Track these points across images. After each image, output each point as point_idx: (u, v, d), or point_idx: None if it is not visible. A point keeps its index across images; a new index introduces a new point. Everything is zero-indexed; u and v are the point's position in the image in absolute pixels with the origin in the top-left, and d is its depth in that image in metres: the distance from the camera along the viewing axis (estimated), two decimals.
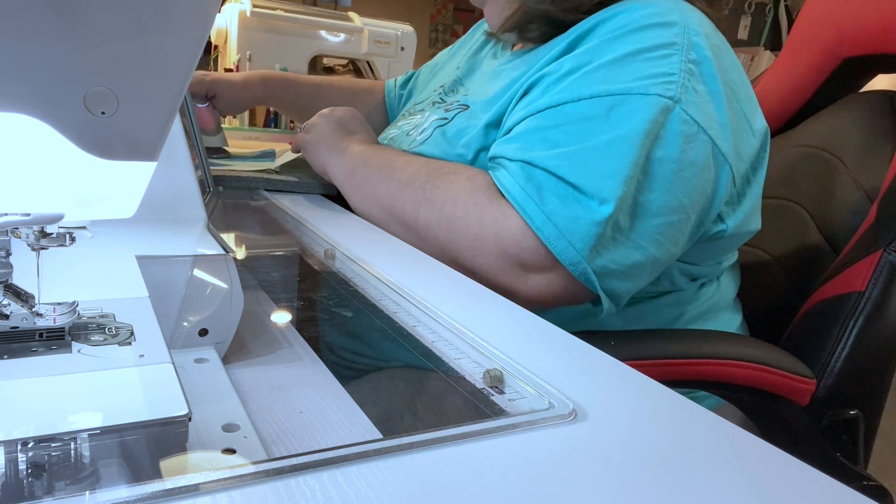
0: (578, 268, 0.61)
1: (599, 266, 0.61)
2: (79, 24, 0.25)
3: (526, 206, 0.61)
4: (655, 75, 0.63)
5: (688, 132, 0.62)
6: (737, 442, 0.35)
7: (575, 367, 0.43)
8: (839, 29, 0.95)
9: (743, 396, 0.71)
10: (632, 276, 0.64)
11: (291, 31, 1.62)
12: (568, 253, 0.60)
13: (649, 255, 0.63)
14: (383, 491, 0.28)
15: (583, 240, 0.60)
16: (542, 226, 0.60)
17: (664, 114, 0.62)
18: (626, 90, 0.62)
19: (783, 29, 3.83)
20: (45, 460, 0.29)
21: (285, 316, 0.65)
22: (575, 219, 0.59)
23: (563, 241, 0.60)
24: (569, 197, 0.60)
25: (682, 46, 0.64)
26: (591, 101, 0.63)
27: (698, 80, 0.64)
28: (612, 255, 0.61)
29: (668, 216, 0.63)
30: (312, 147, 0.87)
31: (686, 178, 0.63)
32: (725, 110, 0.66)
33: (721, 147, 0.65)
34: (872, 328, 0.74)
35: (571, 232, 0.60)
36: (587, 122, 0.62)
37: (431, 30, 5.73)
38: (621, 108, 0.62)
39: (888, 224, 0.76)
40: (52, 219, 0.33)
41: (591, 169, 0.60)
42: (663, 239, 0.63)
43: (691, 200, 0.64)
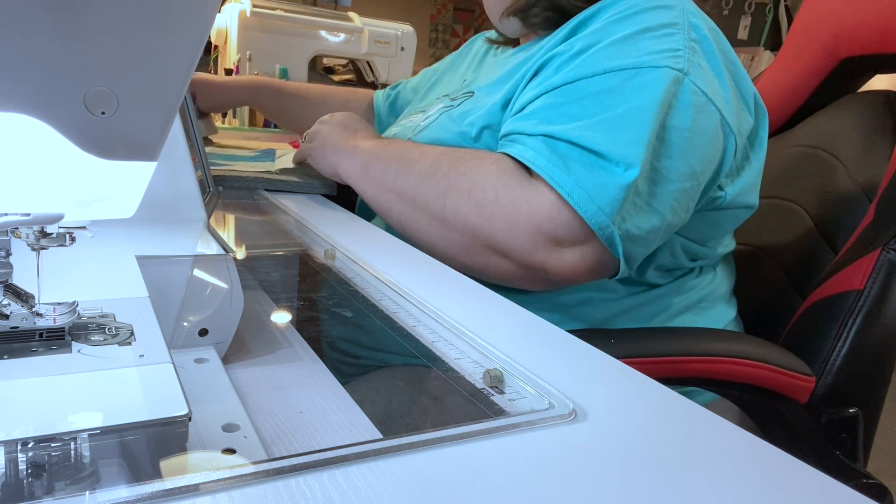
0: (606, 232, 0.62)
1: (624, 231, 0.63)
2: (79, 24, 0.25)
3: (554, 175, 0.62)
4: (664, 50, 0.66)
5: (697, 102, 0.65)
6: (736, 441, 0.35)
7: (575, 367, 0.43)
8: (838, 29, 0.95)
9: (742, 394, 0.71)
10: (648, 241, 0.65)
11: (291, 31, 1.62)
12: (598, 217, 0.61)
13: (665, 221, 0.65)
14: (383, 491, 0.28)
15: (611, 204, 0.61)
16: (571, 192, 0.61)
17: (675, 84, 0.64)
18: (638, 64, 0.65)
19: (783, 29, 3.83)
20: (45, 460, 0.29)
21: (285, 316, 0.65)
22: (602, 184, 0.61)
23: (593, 205, 0.61)
24: (594, 165, 0.62)
25: (682, 26, 0.68)
26: (606, 75, 0.65)
27: (701, 57, 0.68)
28: (635, 220, 0.63)
29: (683, 182, 0.65)
30: (318, 151, 0.86)
31: (698, 146, 0.65)
32: (728, 86, 0.69)
33: (727, 118, 0.68)
34: (871, 326, 0.74)
35: (601, 197, 0.61)
36: (604, 95, 0.64)
37: (431, 30, 5.73)
38: (635, 81, 0.64)
39: (887, 222, 0.76)
40: (52, 219, 0.33)
41: (613, 137, 0.62)
42: (678, 205, 0.66)
43: (702, 168, 0.67)
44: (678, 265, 0.76)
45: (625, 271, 0.66)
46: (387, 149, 0.78)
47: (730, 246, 0.83)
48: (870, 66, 0.96)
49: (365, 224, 0.81)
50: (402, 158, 0.74)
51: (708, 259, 0.79)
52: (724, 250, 0.81)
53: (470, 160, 0.69)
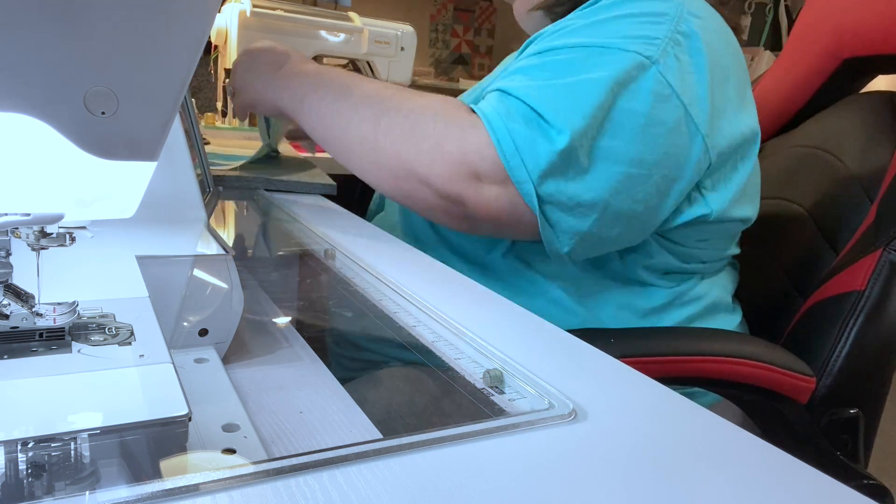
0: (524, 187, 0.64)
1: (545, 192, 0.64)
2: (79, 24, 0.25)
3: (493, 121, 0.64)
4: (638, 36, 0.66)
5: (660, 92, 0.65)
6: (737, 442, 0.35)
7: (575, 367, 0.43)
8: (839, 30, 0.95)
9: (743, 394, 0.71)
10: (579, 214, 0.65)
11: (291, 31, 1.61)
12: (519, 171, 0.63)
13: (602, 200, 0.65)
14: (383, 491, 0.28)
15: (535, 161, 0.63)
16: (502, 140, 0.64)
17: (638, 69, 0.65)
18: (607, 44, 0.66)
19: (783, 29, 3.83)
20: (45, 460, 0.29)
21: (285, 316, 0.65)
22: (533, 141, 0.63)
23: (517, 158, 0.63)
24: (532, 122, 0.64)
25: (672, 18, 0.68)
26: (573, 49, 0.67)
27: (684, 50, 0.67)
28: (562, 187, 0.64)
29: (629, 167, 0.65)
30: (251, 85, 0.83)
31: (652, 135, 0.65)
32: (707, 86, 0.68)
33: (694, 117, 0.67)
34: (872, 327, 0.74)
35: (526, 151, 0.63)
36: (564, 65, 0.66)
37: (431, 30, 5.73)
38: (598, 58, 0.66)
39: (888, 223, 0.76)
40: (52, 219, 0.33)
41: (558, 102, 0.64)
42: (621, 188, 0.65)
43: (655, 158, 0.66)
44: (673, 267, 0.76)
45: (553, 239, 0.66)
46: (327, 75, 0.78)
47: (734, 250, 0.82)
48: (872, 66, 0.96)
49: (365, 224, 0.81)
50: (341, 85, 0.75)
51: (706, 263, 0.78)
52: (729, 252, 0.81)
53: (416, 93, 0.72)
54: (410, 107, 0.69)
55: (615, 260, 0.74)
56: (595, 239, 0.68)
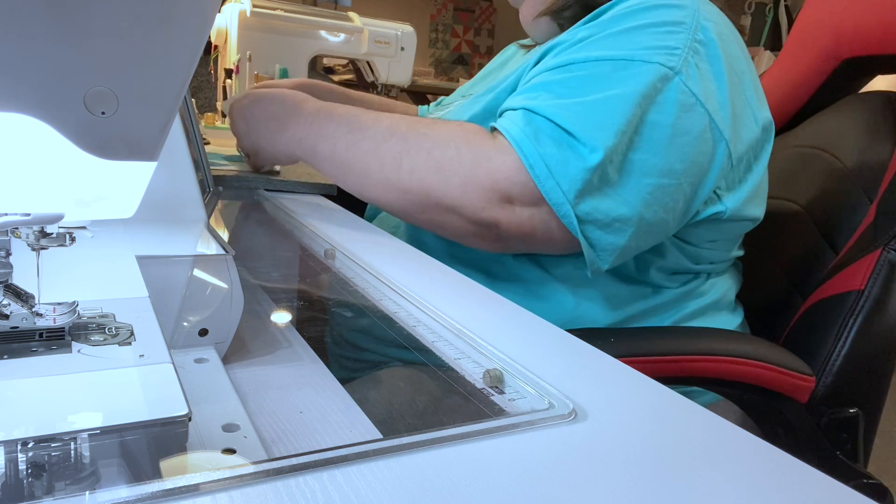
0: (562, 209, 0.64)
1: (583, 212, 0.64)
2: (79, 24, 0.25)
3: (522, 145, 0.64)
4: (660, 47, 0.66)
5: (685, 102, 0.65)
6: (736, 441, 0.35)
7: (575, 367, 0.43)
8: (838, 30, 0.95)
9: (743, 394, 0.71)
10: (616, 230, 0.65)
11: (291, 31, 1.61)
12: (554, 193, 0.63)
13: (636, 213, 0.65)
14: (383, 491, 0.28)
15: (570, 183, 0.63)
16: (534, 164, 0.63)
17: (663, 81, 0.65)
18: (629, 56, 0.66)
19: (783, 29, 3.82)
20: (45, 460, 0.29)
21: (285, 316, 0.65)
22: (566, 162, 0.63)
23: (552, 181, 0.63)
24: (563, 142, 0.64)
25: (690, 27, 0.68)
26: (596, 62, 0.67)
27: (703, 59, 0.68)
28: (597, 204, 0.64)
29: (659, 178, 0.65)
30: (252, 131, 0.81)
31: (679, 145, 0.65)
32: (727, 92, 0.69)
33: (718, 123, 0.67)
34: (872, 326, 0.74)
35: (560, 174, 0.63)
36: (589, 80, 0.66)
37: (431, 30, 5.73)
38: (622, 72, 0.66)
39: (887, 223, 0.76)
40: (52, 219, 0.33)
41: (587, 120, 0.64)
42: (653, 200, 0.66)
43: (684, 167, 0.66)
44: (683, 268, 0.76)
45: (595, 259, 0.66)
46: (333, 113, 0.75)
47: (737, 251, 0.83)
48: (871, 67, 0.96)
49: (365, 224, 0.81)
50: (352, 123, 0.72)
51: (714, 263, 0.79)
52: (733, 255, 0.81)
53: (432, 123, 0.70)
54: (431, 142, 0.68)
55: (629, 264, 0.74)
56: (631, 250, 0.68)
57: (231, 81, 1.55)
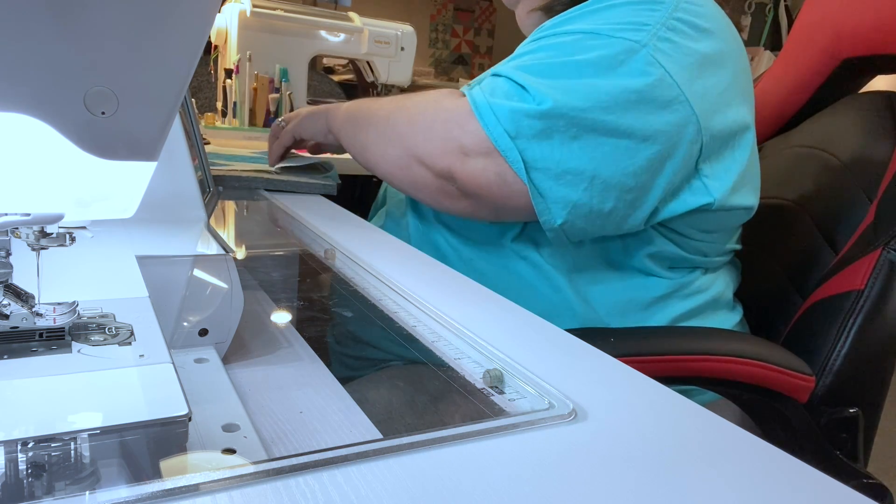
0: (510, 153, 0.66)
1: (530, 157, 0.66)
2: (79, 24, 0.25)
3: (476, 97, 0.69)
4: (628, 23, 0.69)
5: (651, 72, 0.67)
6: (736, 441, 0.35)
7: (575, 367, 0.43)
8: (838, 30, 0.95)
9: (742, 393, 0.71)
10: (568, 182, 0.67)
11: (291, 31, 1.61)
12: (503, 140, 0.66)
13: (589, 169, 0.66)
14: (383, 491, 0.28)
15: (517, 129, 0.66)
16: (483, 112, 0.67)
17: (627, 53, 0.67)
18: (595, 31, 0.69)
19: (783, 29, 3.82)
20: (45, 460, 0.29)
21: (285, 316, 0.65)
22: (513, 110, 0.66)
23: (499, 126, 0.66)
24: (515, 95, 0.67)
25: (669, 6, 0.70)
26: (564, 34, 0.71)
27: (680, 34, 0.69)
28: (546, 153, 0.66)
29: (616, 138, 0.67)
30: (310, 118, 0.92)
31: (642, 112, 0.67)
32: (703, 69, 0.70)
33: (689, 97, 0.68)
34: (872, 326, 0.74)
35: (508, 121, 0.66)
36: (553, 48, 0.70)
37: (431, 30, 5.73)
38: (586, 42, 0.69)
39: (887, 223, 0.76)
40: (52, 219, 0.33)
41: (541, 77, 0.67)
42: (610, 160, 0.67)
43: (644, 133, 0.67)
44: (676, 256, 0.76)
45: (545, 209, 0.67)
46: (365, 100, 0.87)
47: (735, 245, 0.83)
48: (871, 66, 0.96)
49: (365, 224, 0.81)
50: (374, 100, 0.83)
51: (709, 256, 0.79)
52: (729, 247, 0.81)
53: (421, 92, 0.78)
54: (412, 101, 0.76)
55: (617, 246, 0.75)
56: (588, 212, 0.68)
57: (231, 81, 1.55)
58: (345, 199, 0.94)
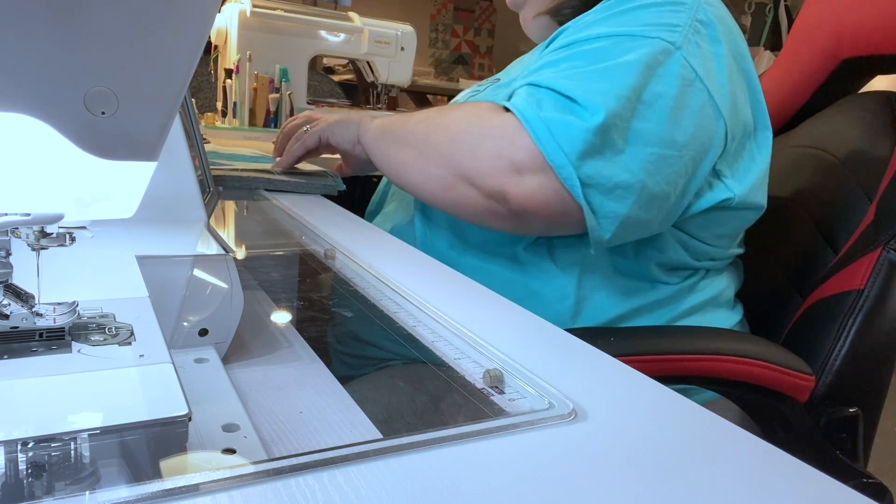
0: (564, 171, 0.64)
1: (585, 175, 0.64)
2: (79, 24, 0.25)
3: (525, 112, 0.66)
4: (661, 24, 0.68)
5: (686, 76, 0.67)
6: (736, 441, 0.35)
7: (575, 367, 0.43)
8: (838, 30, 0.95)
9: (742, 393, 0.71)
10: (618, 196, 0.66)
11: (291, 31, 1.61)
12: (556, 155, 0.64)
13: (639, 181, 0.66)
14: (383, 491, 0.28)
15: (572, 144, 0.63)
16: (536, 127, 0.65)
17: (664, 54, 0.67)
18: (630, 32, 0.68)
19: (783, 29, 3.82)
20: (45, 460, 0.29)
21: (285, 316, 0.65)
22: (567, 125, 0.64)
23: (553, 143, 0.64)
24: (565, 107, 0.65)
25: (691, 7, 0.70)
26: (598, 38, 0.69)
27: (703, 38, 0.69)
28: (600, 168, 0.65)
29: (662, 148, 0.66)
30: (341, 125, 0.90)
31: (681, 117, 0.67)
32: (726, 72, 0.70)
33: (717, 101, 0.69)
34: (872, 326, 0.74)
35: (562, 136, 0.64)
36: (591, 53, 0.68)
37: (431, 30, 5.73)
38: (624, 45, 0.67)
39: (887, 222, 0.76)
40: (52, 219, 0.33)
41: (587, 85, 0.65)
42: (655, 170, 0.66)
43: (685, 140, 0.67)
44: (683, 264, 0.76)
45: (596, 226, 0.67)
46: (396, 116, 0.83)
47: (739, 249, 0.83)
48: (870, 67, 0.96)
49: (365, 224, 0.81)
50: (407, 116, 0.80)
51: (715, 260, 0.79)
52: (733, 252, 0.81)
53: (457, 106, 0.76)
54: (450, 118, 0.73)
55: (629, 253, 0.75)
56: (632, 223, 0.68)
57: (231, 81, 1.55)
58: (345, 199, 0.94)
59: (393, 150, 0.78)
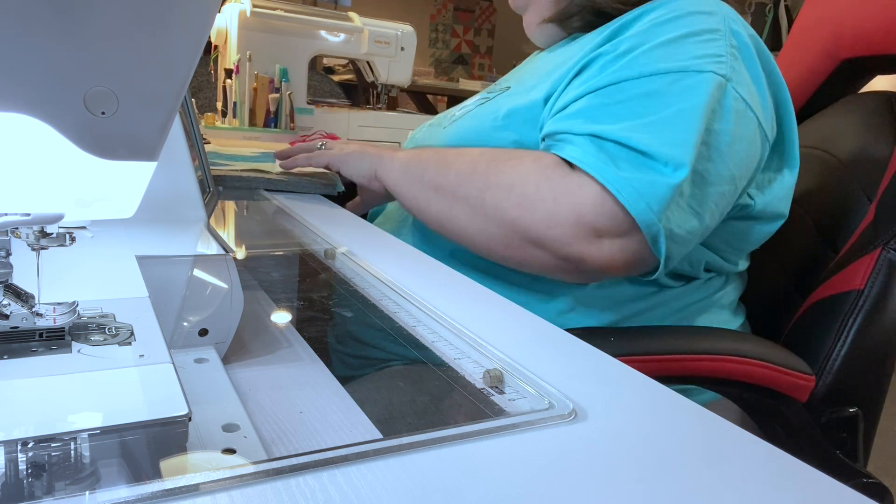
0: (652, 230, 0.62)
1: (668, 230, 0.63)
2: (79, 24, 0.25)
3: (604, 173, 0.62)
4: (708, 55, 0.66)
5: (738, 108, 0.66)
6: (736, 441, 0.35)
7: (575, 367, 0.43)
8: (838, 30, 0.95)
9: (742, 393, 0.71)
10: (687, 241, 0.66)
11: (291, 31, 1.61)
12: (646, 215, 0.61)
13: (703, 223, 0.66)
14: (383, 491, 0.28)
15: (660, 203, 0.61)
16: (621, 189, 0.61)
17: (719, 89, 0.65)
18: (683, 67, 0.65)
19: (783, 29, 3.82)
20: (45, 460, 0.29)
21: (285, 316, 0.65)
22: (652, 183, 0.61)
23: (643, 203, 0.61)
24: (643, 165, 0.62)
25: (724, 33, 0.68)
26: (652, 77, 0.66)
27: (740, 63, 0.68)
28: (678, 221, 0.63)
29: (723, 186, 0.66)
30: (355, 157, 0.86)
31: (737, 150, 0.66)
32: (766, 93, 0.70)
33: (763, 125, 0.69)
34: (872, 326, 0.74)
35: (650, 195, 0.61)
36: (650, 97, 0.65)
37: (431, 30, 5.73)
38: (681, 83, 0.65)
39: (887, 222, 0.76)
40: (52, 219, 0.33)
41: (661, 138, 0.62)
42: (716, 208, 0.67)
43: (740, 172, 0.68)
44: (694, 275, 0.76)
45: (662, 271, 0.66)
46: (423, 152, 0.79)
47: (744, 263, 0.83)
48: (870, 67, 0.96)
49: (365, 224, 0.81)
50: (440, 159, 0.75)
51: (723, 271, 0.79)
52: (743, 265, 0.82)
53: (509, 159, 0.69)
54: (511, 181, 0.67)
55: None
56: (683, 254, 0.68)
57: (231, 81, 1.55)
58: (345, 200, 0.94)
59: (435, 201, 0.73)
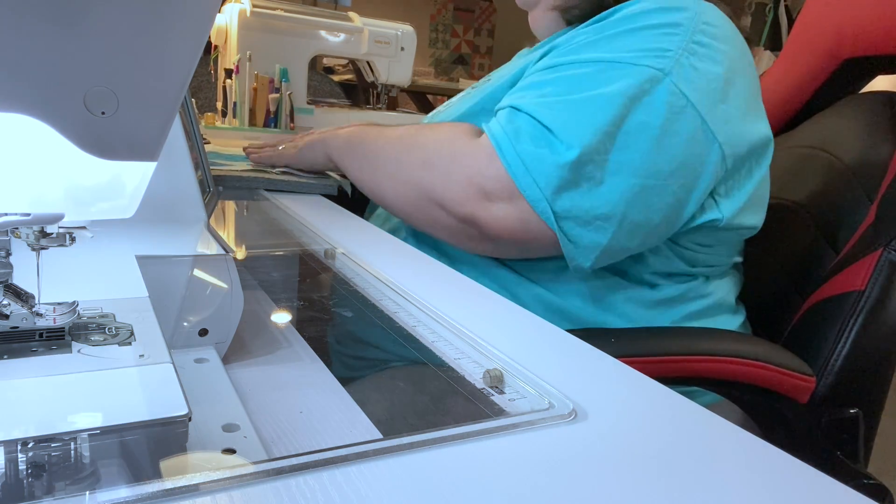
0: (539, 205, 0.64)
1: (561, 208, 0.65)
2: (79, 24, 0.25)
3: (501, 142, 0.66)
4: (650, 49, 0.67)
5: (675, 103, 0.66)
6: (736, 441, 0.35)
7: (575, 367, 0.43)
8: (839, 30, 0.95)
9: (743, 394, 0.71)
10: (598, 228, 0.66)
11: (291, 31, 1.61)
12: (531, 189, 0.64)
13: (619, 212, 0.65)
14: (383, 491, 0.28)
15: (546, 179, 0.64)
16: (511, 161, 0.65)
17: (651, 83, 0.65)
18: (617, 59, 0.67)
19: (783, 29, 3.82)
20: (45, 460, 0.29)
21: (285, 316, 0.65)
22: (541, 158, 0.64)
23: (528, 177, 0.64)
24: (541, 139, 0.65)
25: (688, 28, 0.68)
26: (584, 64, 0.68)
27: (700, 59, 0.68)
28: (577, 201, 0.64)
29: (644, 179, 0.65)
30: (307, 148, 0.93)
31: (667, 146, 0.66)
32: (724, 92, 0.69)
33: (711, 125, 0.67)
34: (872, 327, 0.74)
35: (536, 170, 0.64)
36: (575, 80, 0.67)
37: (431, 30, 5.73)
38: (609, 73, 0.66)
39: (888, 223, 0.76)
40: (52, 219, 0.33)
41: (568, 117, 0.65)
42: (638, 200, 0.66)
43: (671, 169, 0.66)
44: (678, 269, 0.76)
45: (575, 255, 0.66)
46: (364, 126, 0.85)
47: (738, 258, 0.82)
48: (871, 67, 0.96)
49: (365, 224, 0.81)
50: (379, 132, 0.81)
51: (713, 267, 0.78)
52: (733, 260, 0.81)
53: (432, 128, 0.75)
54: (425, 140, 0.73)
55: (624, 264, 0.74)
56: (615, 250, 0.68)
57: (231, 81, 1.55)
58: (345, 199, 0.94)
59: (365, 167, 0.79)
